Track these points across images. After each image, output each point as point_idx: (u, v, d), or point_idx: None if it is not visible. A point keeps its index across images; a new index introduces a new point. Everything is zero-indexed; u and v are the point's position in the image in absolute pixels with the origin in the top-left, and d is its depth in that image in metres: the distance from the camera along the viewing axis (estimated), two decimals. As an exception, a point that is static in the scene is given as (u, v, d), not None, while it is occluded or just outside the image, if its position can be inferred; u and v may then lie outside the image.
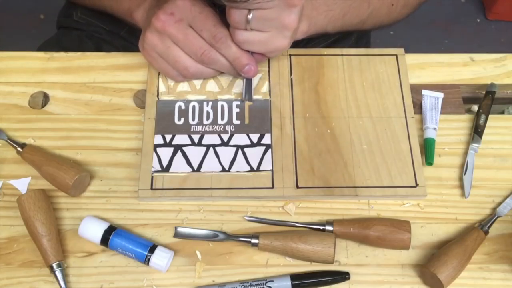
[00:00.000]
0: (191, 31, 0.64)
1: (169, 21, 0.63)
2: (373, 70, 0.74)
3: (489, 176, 0.69)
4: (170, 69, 0.68)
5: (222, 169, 0.67)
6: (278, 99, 0.72)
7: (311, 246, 0.61)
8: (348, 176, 0.67)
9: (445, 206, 0.67)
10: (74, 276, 0.62)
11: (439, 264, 0.60)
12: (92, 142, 0.70)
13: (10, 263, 0.62)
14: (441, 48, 1.74)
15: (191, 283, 0.62)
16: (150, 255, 0.61)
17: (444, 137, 0.71)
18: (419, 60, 0.77)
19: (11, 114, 0.72)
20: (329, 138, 0.69)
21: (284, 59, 0.74)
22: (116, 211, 0.65)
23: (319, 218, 0.66)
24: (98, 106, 0.72)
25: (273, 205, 0.66)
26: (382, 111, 0.71)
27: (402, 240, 0.62)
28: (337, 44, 0.89)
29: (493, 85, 0.74)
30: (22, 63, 0.75)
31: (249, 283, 0.60)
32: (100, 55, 0.76)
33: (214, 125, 0.70)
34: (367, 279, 0.62)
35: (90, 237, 0.62)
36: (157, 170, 0.66)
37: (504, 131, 0.72)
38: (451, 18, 1.83)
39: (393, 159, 0.68)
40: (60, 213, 0.65)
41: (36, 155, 0.66)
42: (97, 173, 0.68)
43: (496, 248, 0.64)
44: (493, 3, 1.79)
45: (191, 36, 0.63)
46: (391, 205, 0.67)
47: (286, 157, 0.68)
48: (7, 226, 0.64)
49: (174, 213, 0.65)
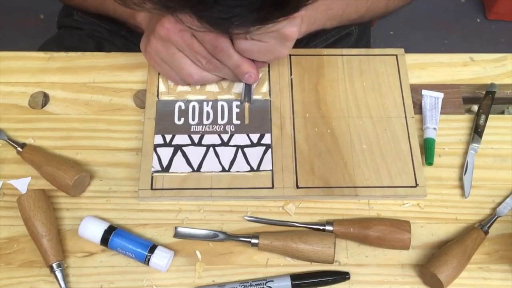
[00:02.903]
0: (195, 40, 0.64)
1: (174, 29, 0.62)
2: (373, 70, 0.74)
3: (489, 176, 0.69)
4: (173, 74, 0.68)
5: (222, 169, 0.67)
6: (278, 99, 0.72)
7: (311, 246, 0.61)
8: (348, 176, 0.67)
9: (445, 206, 0.67)
10: (74, 276, 0.62)
11: (439, 264, 0.60)
12: (92, 142, 0.70)
13: (10, 263, 0.62)
14: (441, 48, 1.74)
15: (191, 283, 0.62)
16: (150, 255, 0.61)
17: (444, 137, 0.71)
18: (419, 60, 0.77)
19: (11, 114, 0.72)
20: (329, 138, 0.69)
21: (284, 59, 0.74)
22: (116, 211, 0.65)
23: (319, 218, 0.66)
24: (98, 106, 0.72)
25: (273, 205, 0.66)
26: (382, 111, 0.71)
27: (402, 240, 0.62)
28: (337, 44, 0.89)
29: (493, 85, 0.74)
30: (22, 63, 0.75)
31: (249, 283, 0.60)
32: (100, 55, 0.76)
33: (214, 125, 0.70)
34: (367, 279, 0.62)
35: (90, 237, 0.62)
36: (157, 170, 0.66)
37: (504, 131, 0.72)
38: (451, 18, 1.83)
39: (393, 159, 0.68)
40: (60, 213, 0.65)
41: (36, 155, 0.66)
42: (97, 173, 0.68)
43: (496, 248, 0.64)
44: (493, 3, 1.79)
45: (195, 45, 0.63)
46: (391, 205, 0.67)
47: (286, 157, 0.68)
48: (7, 226, 0.64)
49: (174, 213, 0.65)
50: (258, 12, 0.48)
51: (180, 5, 0.47)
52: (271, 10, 0.49)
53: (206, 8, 0.47)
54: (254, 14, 0.48)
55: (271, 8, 0.48)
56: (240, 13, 0.48)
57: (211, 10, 0.47)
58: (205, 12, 0.48)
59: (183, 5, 0.47)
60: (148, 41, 0.66)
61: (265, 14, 0.49)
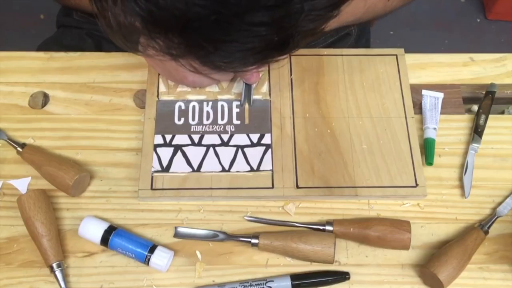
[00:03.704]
0: None
1: None
2: (373, 70, 0.74)
3: (489, 176, 0.69)
4: (170, 76, 0.68)
5: (222, 169, 0.67)
6: (278, 99, 0.72)
7: (311, 246, 0.61)
8: (348, 176, 0.67)
9: (445, 206, 0.67)
10: (74, 276, 0.62)
11: (439, 264, 0.60)
12: (92, 142, 0.70)
13: (10, 263, 0.62)
14: (441, 48, 1.74)
15: (191, 283, 0.62)
16: (150, 255, 0.61)
17: (444, 137, 0.71)
18: (419, 60, 0.77)
19: (11, 114, 0.72)
20: (329, 138, 0.69)
21: (284, 59, 0.74)
22: (116, 211, 0.65)
23: (319, 218, 0.66)
24: (98, 106, 0.72)
25: (273, 205, 0.66)
26: (382, 111, 0.71)
27: (402, 240, 0.62)
28: (336, 44, 0.89)
29: (493, 85, 0.74)
30: (22, 63, 0.75)
31: (249, 283, 0.60)
32: (100, 55, 0.76)
33: (214, 125, 0.70)
34: (367, 279, 0.62)
35: (90, 237, 0.62)
36: (157, 170, 0.66)
37: (504, 131, 0.72)
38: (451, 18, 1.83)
39: (393, 159, 0.68)
40: (60, 213, 0.65)
41: (36, 155, 0.66)
42: (97, 173, 0.68)
43: (496, 248, 0.64)
44: (493, 3, 1.79)
45: None
46: (391, 205, 0.67)
47: (286, 157, 0.68)
48: (7, 226, 0.64)
49: (174, 213, 0.65)
50: (259, 55, 0.49)
51: (182, 52, 0.48)
52: (271, 52, 0.50)
53: (208, 54, 0.48)
54: (254, 57, 0.49)
55: (272, 51, 0.49)
56: (241, 57, 0.49)
57: (213, 56, 0.48)
58: (207, 58, 0.49)
59: (185, 52, 0.48)
60: None
61: (265, 56, 0.50)
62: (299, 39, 0.48)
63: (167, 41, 0.46)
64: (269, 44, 0.47)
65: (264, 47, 0.47)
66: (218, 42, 0.46)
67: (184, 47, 0.47)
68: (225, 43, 0.46)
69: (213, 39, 0.45)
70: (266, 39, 0.46)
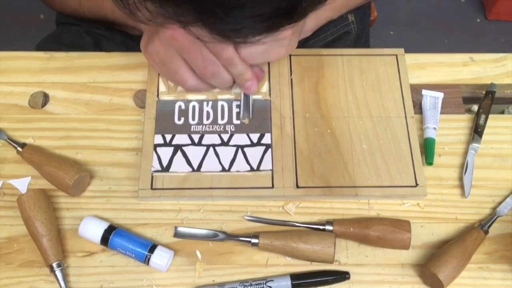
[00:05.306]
0: (198, 42, 0.64)
1: (179, 29, 0.63)
2: (373, 70, 0.74)
3: (489, 176, 0.69)
4: (170, 77, 0.68)
5: (222, 169, 0.67)
6: (278, 99, 0.72)
7: (311, 246, 0.61)
8: (348, 176, 0.67)
9: (445, 206, 0.67)
10: (74, 276, 0.62)
11: (439, 264, 0.60)
12: (92, 142, 0.70)
13: (10, 263, 0.62)
14: (441, 48, 1.74)
15: (191, 282, 0.62)
16: (150, 255, 0.61)
17: (444, 137, 0.71)
18: (419, 60, 0.77)
19: (11, 114, 0.72)
20: (329, 138, 0.69)
21: (284, 59, 0.74)
22: (116, 211, 0.65)
23: (319, 218, 0.66)
24: (98, 106, 0.72)
25: (273, 205, 0.66)
26: (382, 111, 0.71)
27: (402, 240, 0.62)
28: (336, 44, 0.89)
29: (493, 85, 0.74)
30: (22, 63, 0.75)
31: (249, 282, 0.60)
32: (100, 55, 0.76)
33: (214, 125, 0.70)
34: (367, 279, 0.62)
35: (90, 236, 0.62)
36: (157, 170, 0.66)
37: (504, 131, 0.72)
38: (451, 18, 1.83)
39: (393, 159, 0.68)
40: (60, 213, 0.65)
41: (36, 155, 0.66)
42: (97, 173, 0.68)
43: (496, 248, 0.64)
44: (493, 3, 1.79)
45: (197, 46, 0.63)
46: (391, 205, 0.67)
47: (286, 157, 0.68)
48: (7, 226, 0.64)
49: (174, 212, 0.65)
50: (267, 22, 0.49)
51: (192, 19, 0.48)
52: (279, 19, 0.50)
53: (217, 21, 0.48)
54: (263, 24, 0.50)
55: (280, 18, 0.50)
56: (250, 24, 0.49)
57: (222, 22, 0.48)
58: (216, 25, 0.50)
59: (195, 19, 0.48)
60: (150, 40, 0.66)
61: (273, 24, 0.51)
62: (307, 5, 0.49)
63: (176, 8, 0.46)
64: (277, 10, 0.48)
65: (272, 12, 0.48)
66: (228, 7, 0.46)
67: (193, 13, 0.47)
68: (234, 8, 0.46)
69: (222, 4, 0.46)
70: (274, 3, 0.47)
